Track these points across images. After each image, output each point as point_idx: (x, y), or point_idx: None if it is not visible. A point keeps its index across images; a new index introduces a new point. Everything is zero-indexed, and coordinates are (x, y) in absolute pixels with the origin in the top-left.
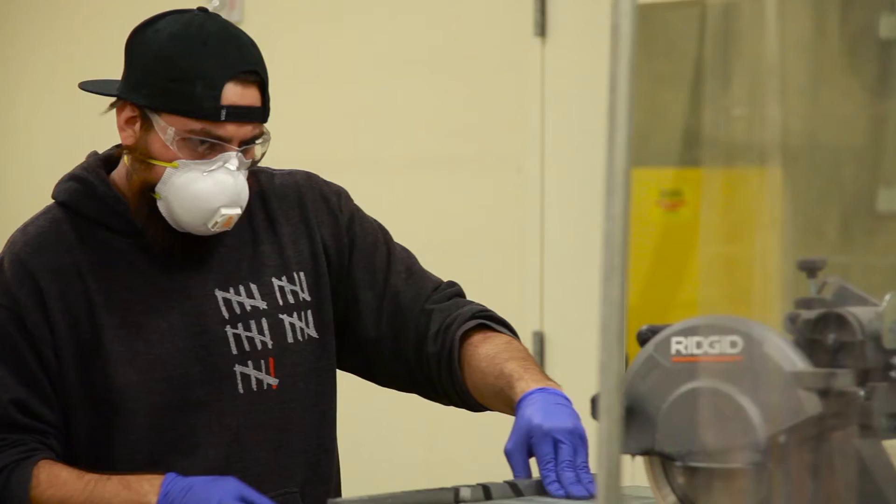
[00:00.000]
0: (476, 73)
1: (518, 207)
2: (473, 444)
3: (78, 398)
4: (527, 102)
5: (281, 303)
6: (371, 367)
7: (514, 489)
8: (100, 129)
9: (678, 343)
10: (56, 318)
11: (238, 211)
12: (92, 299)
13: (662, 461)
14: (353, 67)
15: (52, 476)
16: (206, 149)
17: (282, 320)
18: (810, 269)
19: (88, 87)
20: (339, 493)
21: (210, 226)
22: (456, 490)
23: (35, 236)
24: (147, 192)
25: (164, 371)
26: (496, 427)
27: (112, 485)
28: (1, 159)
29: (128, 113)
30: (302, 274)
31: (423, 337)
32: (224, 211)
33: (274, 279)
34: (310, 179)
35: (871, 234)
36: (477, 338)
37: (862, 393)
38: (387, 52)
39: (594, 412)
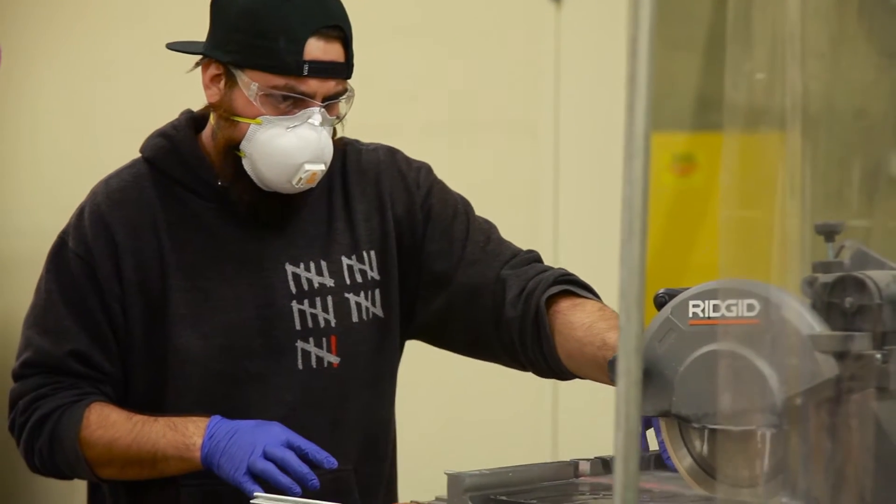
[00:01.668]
0: (491, 38)
1: (533, 174)
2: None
3: (140, 356)
4: (542, 68)
5: (348, 282)
6: (445, 335)
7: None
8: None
9: (696, 306)
10: (127, 274)
11: (322, 167)
12: (165, 259)
13: (679, 423)
14: (367, 32)
15: (102, 417)
16: (290, 105)
17: (347, 299)
18: (828, 232)
19: (175, 46)
20: (393, 473)
21: (294, 182)
22: (575, 464)
23: (116, 190)
24: (232, 151)
25: (225, 339)
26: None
27: (159, 426)
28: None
29: (212, 71)
30: (373, 252)
31: (500, 303)
32: (308, 167)
33: (344, 257)
34: (390, 155)
35: (889, 199)
36: (565, 304)
37: (879, 356)
38: (400, 17)
39: (612, 375)
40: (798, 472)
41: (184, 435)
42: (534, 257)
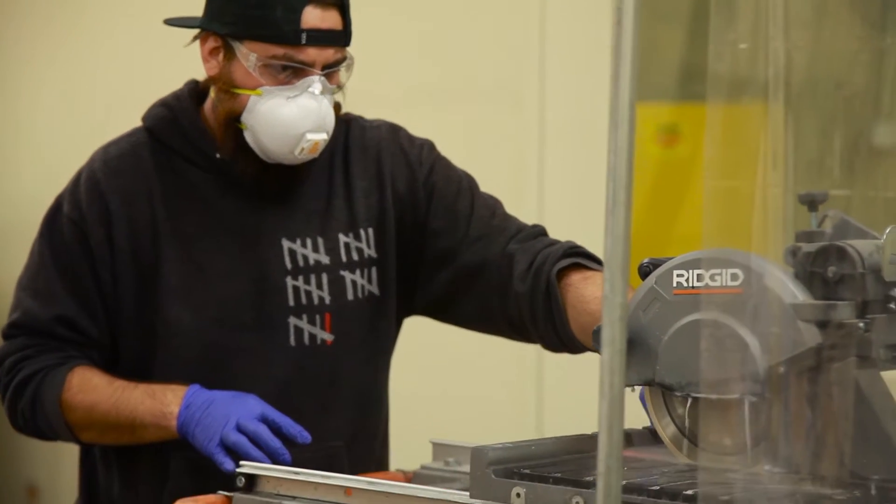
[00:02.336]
0: (476, 6)
1: (518, 143)
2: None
3: (129, 325)
4: (527, 38)
5: (344, 259)
6: (450, 311)
7: (654, 436)
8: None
9: (680, 276)
10: (120, 243)
11: (324, 136)
12: (159, 229)
13: (663, 392)
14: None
15: (84, 381)
16: (289, 74)
17: (343, 277)
18: (811, 202)
19: (173, 21)
20: (385, 450)
21: (297, 152)
22: (597, 437)
23: (114, 157)
24: (233, 123)
25: (217, 312)
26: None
27: (138, 392)
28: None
29: (211, 44)
30: (370, 230)
31: (507, 277)
32: (310, 136)
33: (341, 235)
34: (393, 132)
35: (871, 168)
36: (576, 277)
37: (861, 325)
38: None
39: (596, 344)
40: (781, 439)
41: (162, 403)
42: (540, 231)
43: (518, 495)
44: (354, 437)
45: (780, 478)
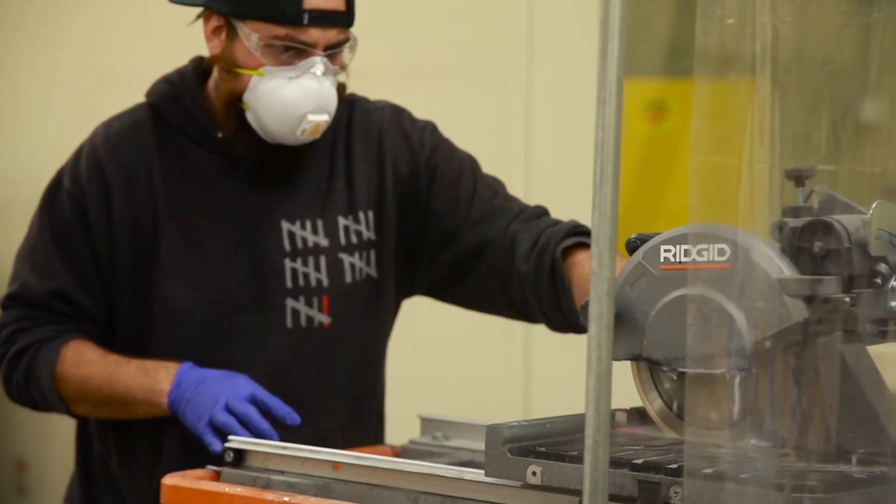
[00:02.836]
0: None
1: (505, 119)
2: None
3: (126, 302)
4: (515, 13)
5: (343, 242)
6: (451, 292)
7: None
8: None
9: (667, 251)
10: (119, 220)
11: (326, 117)
12: (158, 207)
13: (650, 367)
14: None
15: (78, 354)
16: (291, 55)
17: (341, 260)
18: (798, 177)
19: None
20: (381, 431)
21: (298, 133)
22: (612, 414)
23: (116, 133)
24: (235, 103)
25: (214, 292)
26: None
27: (131, 368)
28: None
29: (214, 22)
30: (370, 212)
31: (510, 257)
32: (311, 117)
33: (340, 217)
34: (395, 115)
35: (858, 143)
36: (581, 256)
37: (847, 299)
38: None
39: (584, 319)
40: (767, 414)
41: (153, 380)
42: (542, 211)
43: (534, 473)
44: (350, 419)
45: (767, 452)
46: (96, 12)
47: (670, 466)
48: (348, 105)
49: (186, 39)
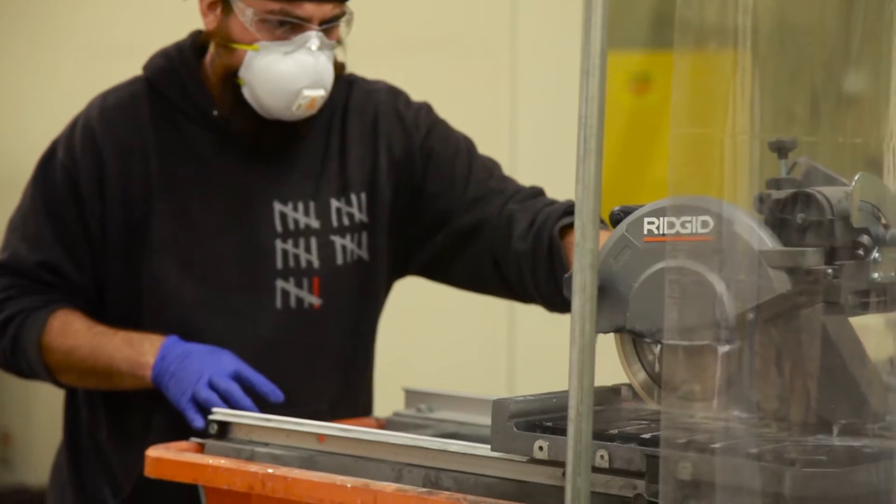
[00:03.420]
0: None
1: (489, 92)
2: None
3: (117, 276)
4: None
5: (335, 224)
6: (446, 272)
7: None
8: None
9: (650, 223)
10: (111, 194)
11: (321, 92)
12: (151, 183)
13: (633, 339)
14: None
15: (64, 324)
16: (286, 30)
17: (333, 242)
18: (780, 149)
19: None
20: (369, 412)
21: (294, 108)
22: (616, 389)
23: (112, 107)
24: (231, 79)
25: (204, 270)
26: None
27: (117, 340)
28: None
29: None
30: (363, 195)
31: (506, 237)
32: (307, 92)
33: (333, 199)
34: (391, 96)
35: (841, 115)
36: None
37: (830, 271)
38: None
39: (567, 291)
40: (750, 385)
41: (138, 352)
42: (538, 191)
43: (541, 448)
44: (339, 401)
45: (749, 423)
46: None
47: (678, 441)
48: (347, 85)
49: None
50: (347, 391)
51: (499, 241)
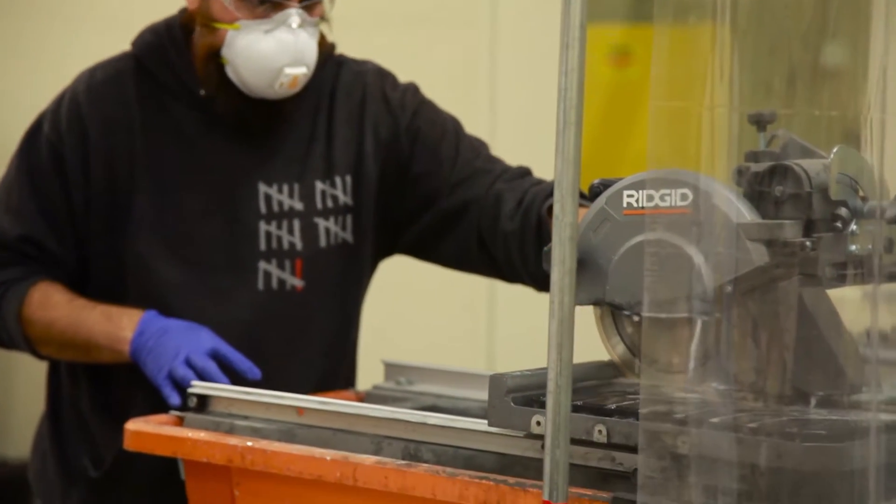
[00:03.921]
0: None
1: (469, 64)
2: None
3: (100, 253)
4: None
5: (319, 206)
6: (433, 252)
7: None
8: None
9: (630, 196)
10: (95, 170)
11: (303, 70)
12: (136, 160)
13: (612, 311)
14: None
15: (45, 297)
16: (267, 8)
17: (316, 224)
18: (759, 122)
19: None
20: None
21: (276, 87)
22: (613, 363)
23: (99, 83)
24: (214, 58)
25: (186, 250)
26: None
27: (96, 313)
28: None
29: None
30: (348, 177)
31: (494, 217)
32: (288, 70)
33: (318, 182)
34: (379, 78)
35: (820, 88)
36: None
37: (808, 243)
38: None
39: (547, 264)
40: (728, 357)
41: (117, 326)
42: (526, 171)
43: (538, 423)
44: (322, 383)
45: (727, 395)
46: None
47: (684, 417)
48: (336, 66)
49: None
50: (332, 374)
51: (486, 221)
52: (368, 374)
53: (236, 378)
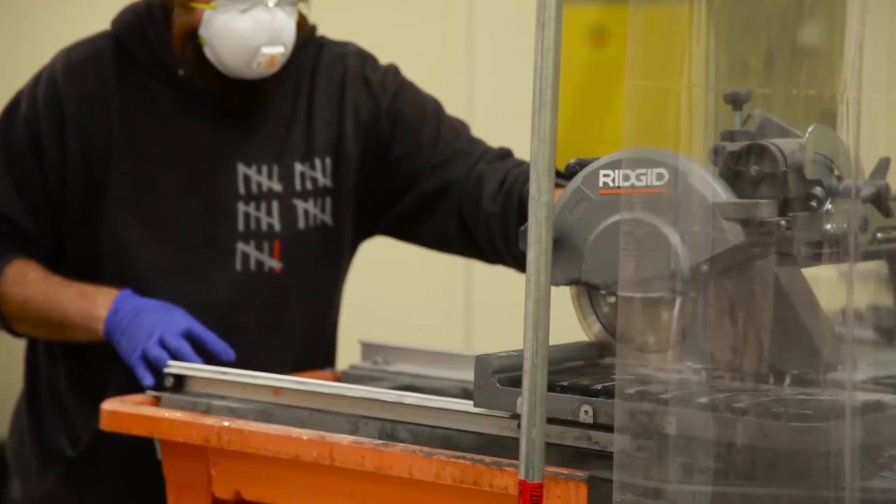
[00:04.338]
0: None
1: (446, 42)
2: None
3: (76, 232)
4: None
5: (298, 188)
6: (413, 233)
7: None
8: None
9: (606, 176)
10: (72, 149)
11: (280, 49)
12: (113, 140)
13: (588, 291)
14: None
15: (20, 274)
16: None
17: (295, 206)
18: (735, 101)
19: None
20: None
21: (254, 66)
22: (601, 344)
23: (77, 62)
24: (192, 38)
25: (164, 229)
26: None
27: (71, 291)
28: None
29: None
30: (328, 159)
31: (476, 198)
32: (265, 49)
33: (297, 164)
34: (360, 60)
35: (795, 67)
36: None
37: (783, 223)
38: None
39: (523, 244)
40: (704, 336)
41: (91, 305)
42: (507, 152)
43: None
44: (299, 364)
45: (703, 374)
46: None
47: (662, 396)
48: (317, 48)
49: None
50: (310, 356)
51: (468, 203)
52: (345, 353)
53: (210, 359)
